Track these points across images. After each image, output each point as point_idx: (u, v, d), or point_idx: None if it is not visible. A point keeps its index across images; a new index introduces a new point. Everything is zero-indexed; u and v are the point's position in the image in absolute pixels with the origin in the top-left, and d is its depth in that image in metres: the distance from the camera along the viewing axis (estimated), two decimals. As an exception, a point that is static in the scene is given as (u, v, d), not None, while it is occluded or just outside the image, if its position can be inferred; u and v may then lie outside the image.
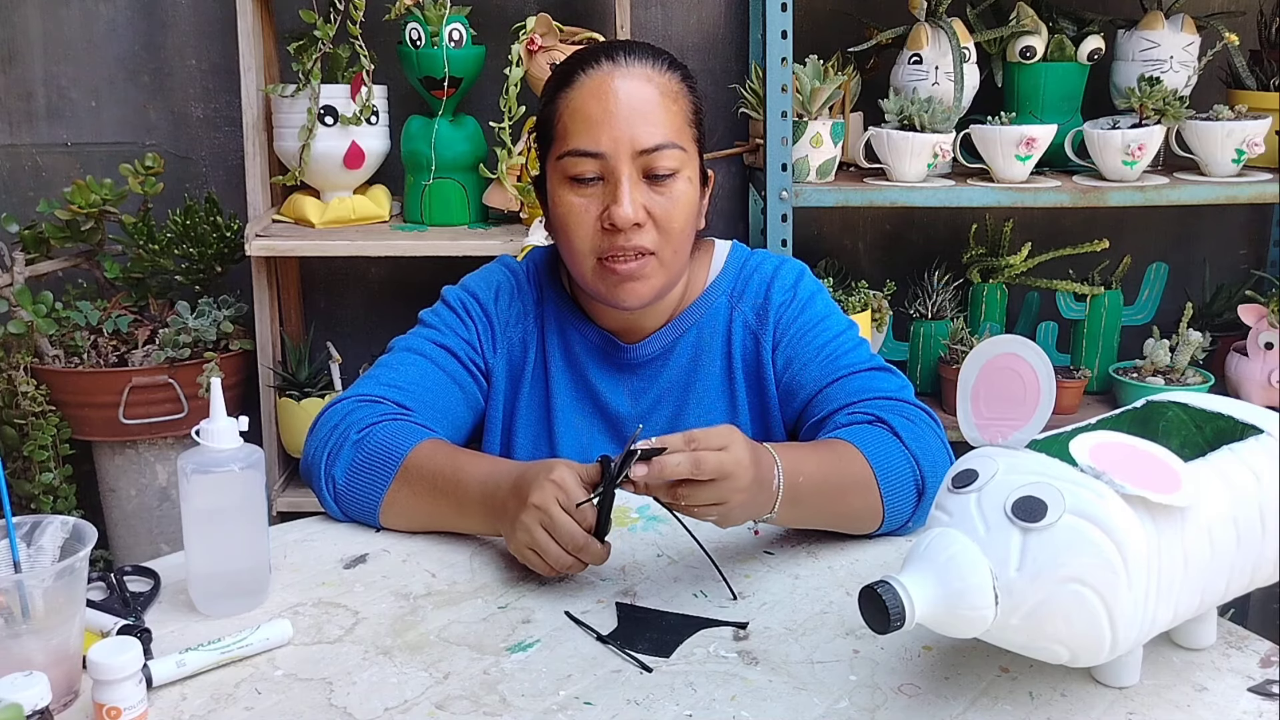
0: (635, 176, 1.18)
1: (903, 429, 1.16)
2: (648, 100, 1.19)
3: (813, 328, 1.29)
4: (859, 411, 1.20)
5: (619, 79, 1.19)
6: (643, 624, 0.99)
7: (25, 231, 2.13)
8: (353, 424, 1.18)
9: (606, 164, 1.18)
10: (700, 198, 1.26)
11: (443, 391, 1.27)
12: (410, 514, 1.16)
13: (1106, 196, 2.00)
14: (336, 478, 1.17)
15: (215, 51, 2.29)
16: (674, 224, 1.20)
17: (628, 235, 1.18)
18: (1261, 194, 2.03)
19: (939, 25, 2.09)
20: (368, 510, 1.17)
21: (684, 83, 1.23)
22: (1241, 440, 0.89)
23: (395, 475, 1.15)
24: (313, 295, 2.42)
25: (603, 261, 1.21)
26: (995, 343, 0.90)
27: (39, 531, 0.90)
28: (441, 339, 1.30)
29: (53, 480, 2.07)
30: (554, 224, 1.25)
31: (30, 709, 0.77)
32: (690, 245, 1.26)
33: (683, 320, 1.32)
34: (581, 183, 1.20)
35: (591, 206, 1.20)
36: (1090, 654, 0.80)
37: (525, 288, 1.35)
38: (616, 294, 1.22)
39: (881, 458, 1.12)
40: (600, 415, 1.33)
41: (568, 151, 1.20)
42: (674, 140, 1.19)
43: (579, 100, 1.19)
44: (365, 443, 1.17)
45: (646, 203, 1.19)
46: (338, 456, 1.17)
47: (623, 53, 1.21)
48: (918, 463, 1.14)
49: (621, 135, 1.17)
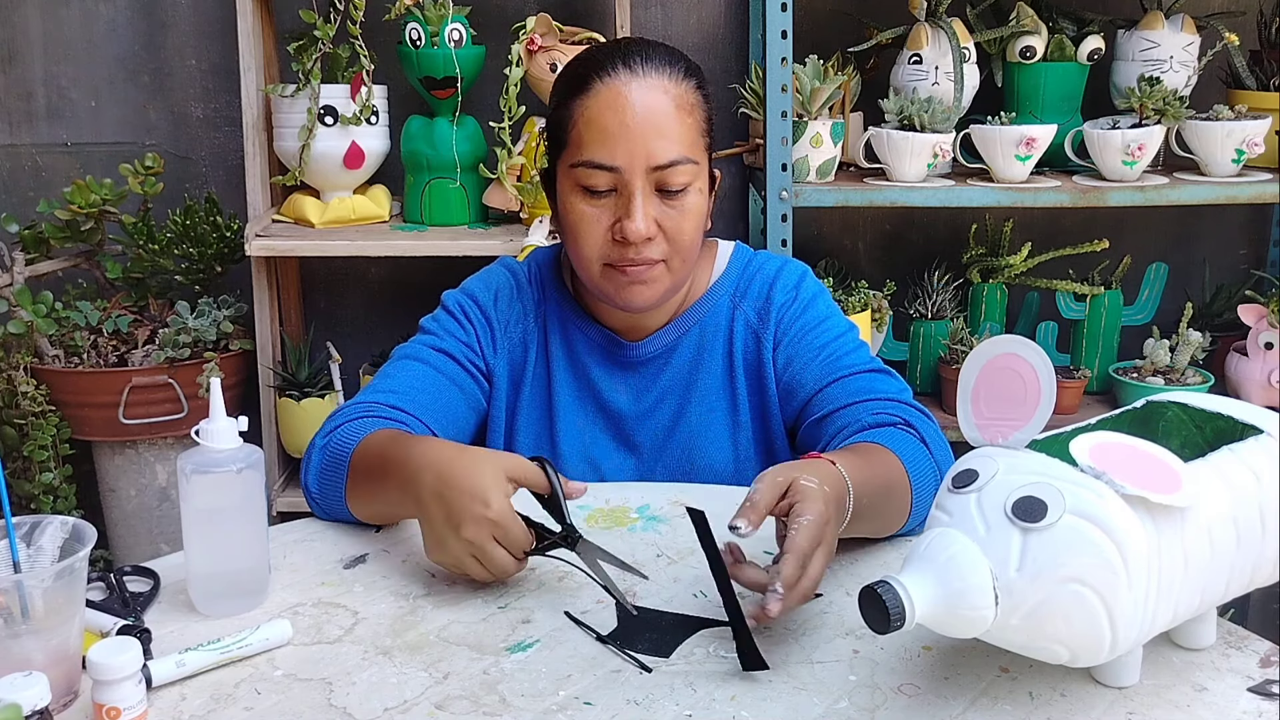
0: (648, 191, 1.19)
1: (927, 434, 1.16)
2: (663, 114, 1.18)
3: (814, 328, 1.29)
4: (882, 413, 1.19)
5: (636, 90, 1.18)
6: (642, 624, 0.99)
7: (25, 231, 2.13)
8: (322, 431, 1.20)
9: (620, 178, 1.18)
10: (708, 201, 1.26)
11: (441, 394, 1.27)
12: (371, 507, 1.16)
13: (1106, 196, 2.00)
14: (310, 485, 1.19)
15: (215, 51, 2.29)
16: (684, 236, 1.21)
17: (638, 249, 1.19)
18: (1261, 194, 2.03)
19: (939, 25, 2.09)
20: (338, 510, 1.18)
21: (699, 91, 1.23)
22: (1241, 440, 0.89)
23: (348, 470, 1.15)
24: (313, 295, 2.42)
25: (610, 265, 1.21)
26: (995, 343, 0.90)
27: (39, 531, 0.90)
28: (440, 344, 1.30)
29: (53, 480, 2.07)
30: (563, 226, 1.25)
31: (30, 709, 0.77)
32: (698, 251, 1.26)
33: (685, 319, 1.32)
34: (594, 193, 1.20)
35: (603, 217, 1.20)
36: (1090, 654, 0.80)
37: (526, 288, 1.35)
38: (623, 296, 1.23)
39: (917, 468, 1.12)
40: (602, 413, 1.33)
41: (581, 161, 1.19)
42: (687, 155, 1.19)
43: (594, 110, 1.19)
44: (329, 445, 1.18)
45: (658, 216, 1.19)
46: (309, 464, 1.19)
47: (640, 59, 1.20)
48: (939, 470, 1.14)
49: (637, 150, 1.17)
